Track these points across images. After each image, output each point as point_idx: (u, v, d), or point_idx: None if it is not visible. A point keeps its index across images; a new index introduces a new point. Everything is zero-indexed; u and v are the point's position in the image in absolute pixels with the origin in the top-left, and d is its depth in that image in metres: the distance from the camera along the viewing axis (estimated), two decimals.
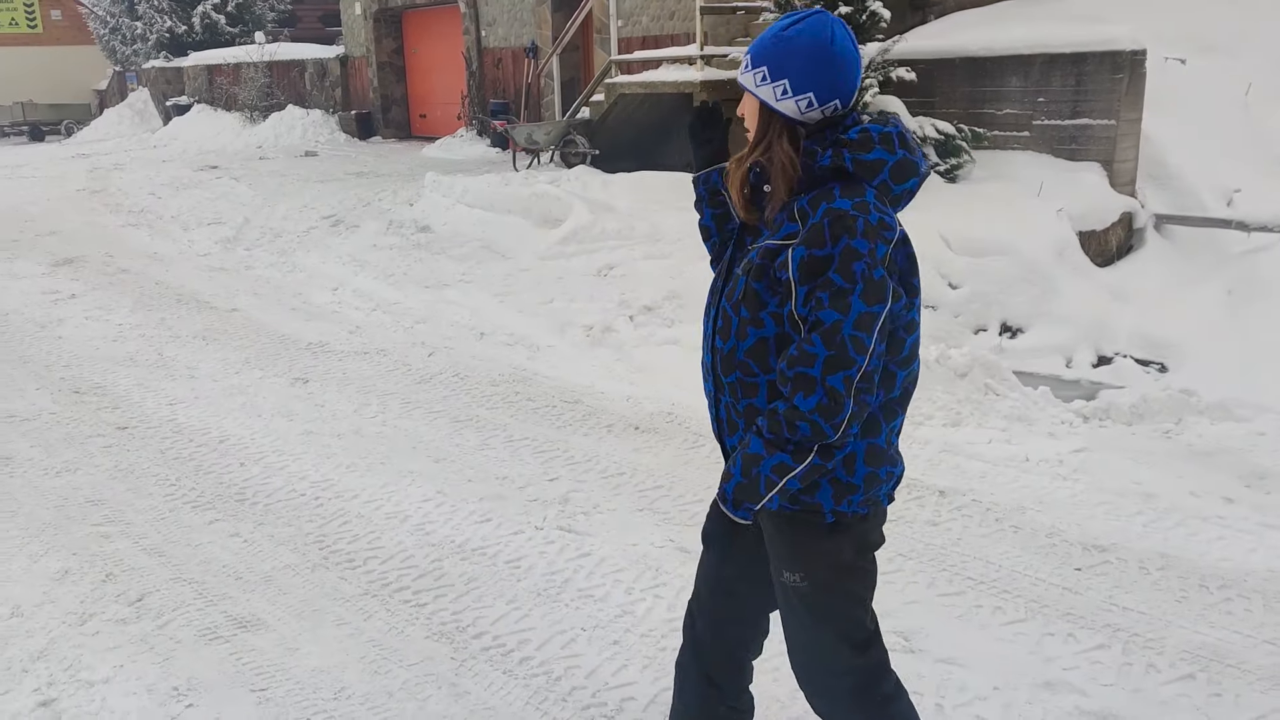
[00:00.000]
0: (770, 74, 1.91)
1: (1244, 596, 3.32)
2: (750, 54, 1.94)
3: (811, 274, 1.81)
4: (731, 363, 1.97)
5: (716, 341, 2.02)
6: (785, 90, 1.90)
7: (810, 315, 1.82)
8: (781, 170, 1.92)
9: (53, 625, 3.41)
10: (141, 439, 5.07)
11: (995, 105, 9.56)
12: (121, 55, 26.85)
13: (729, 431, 2.05)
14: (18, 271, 9.09)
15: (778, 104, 1.92)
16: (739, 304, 1.94)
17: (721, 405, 2.05)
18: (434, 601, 3.49)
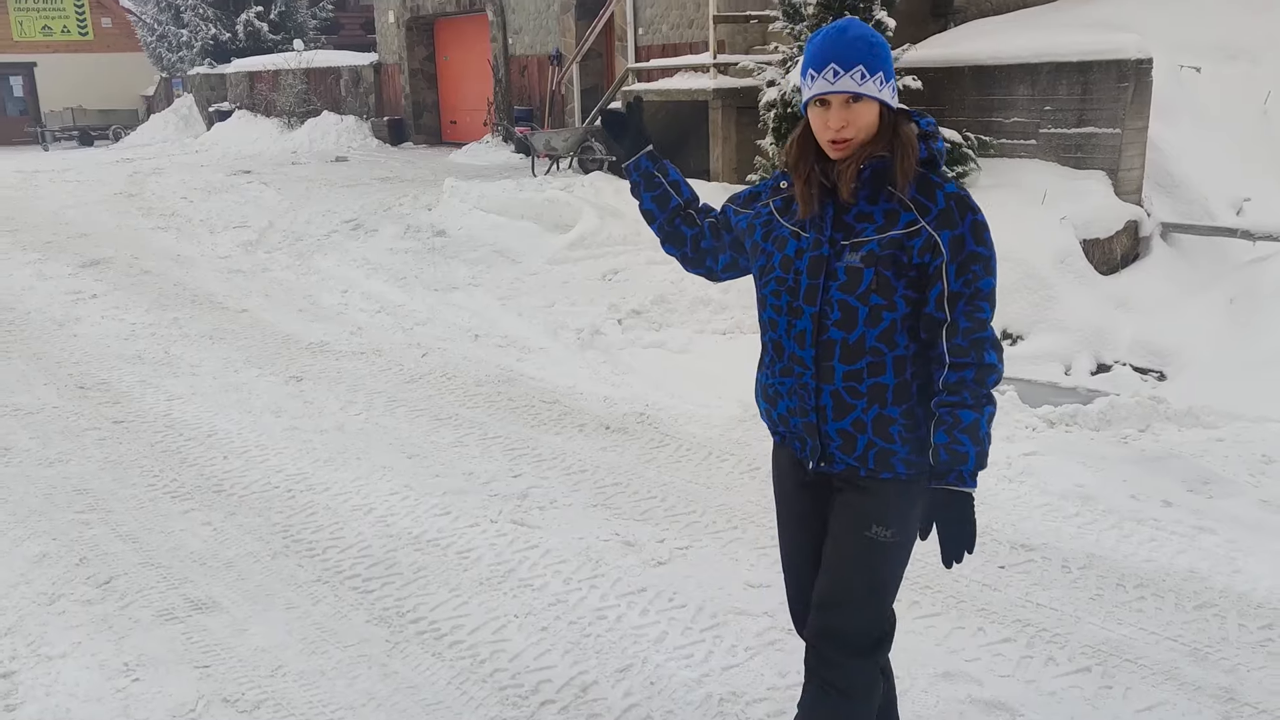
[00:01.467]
0: (885, 75, 2.05)
1: (1158, 595, 3.38)
2: (863, 65, 2.02)
3: (958, 251, 2.03)
4: (860, 349, 2.09)
5: (832, 334, 2.10)
6: (883, 82, 2.05)
7: (968, 288, 2.04)
8: (911, 154, 2.06)
9: (24, 604, 3.63)
10: (135, 433, 5.30)
11: (1003, 113, 9.58)
12: (168, 62, 27.55)
13: (836, 415, 2.13)
14: (47, 272, 9.44)
15: (892, 101, 2.07)
16: (869, 293, 2.06)
17: (825, 393, 2.13)
18: (381, 589, 3.66)
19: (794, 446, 2.28)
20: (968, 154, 9.16)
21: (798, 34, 9.01)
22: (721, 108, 10.20)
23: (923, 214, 2.04)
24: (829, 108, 2.06)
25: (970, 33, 10.80)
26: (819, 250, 2.12)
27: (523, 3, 15.42)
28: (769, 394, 2.27)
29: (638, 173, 2.47)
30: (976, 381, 2.06)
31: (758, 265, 2.25)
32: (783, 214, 2.22)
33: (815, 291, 2.11)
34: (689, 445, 4.94)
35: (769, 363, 2.25)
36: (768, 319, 2.22)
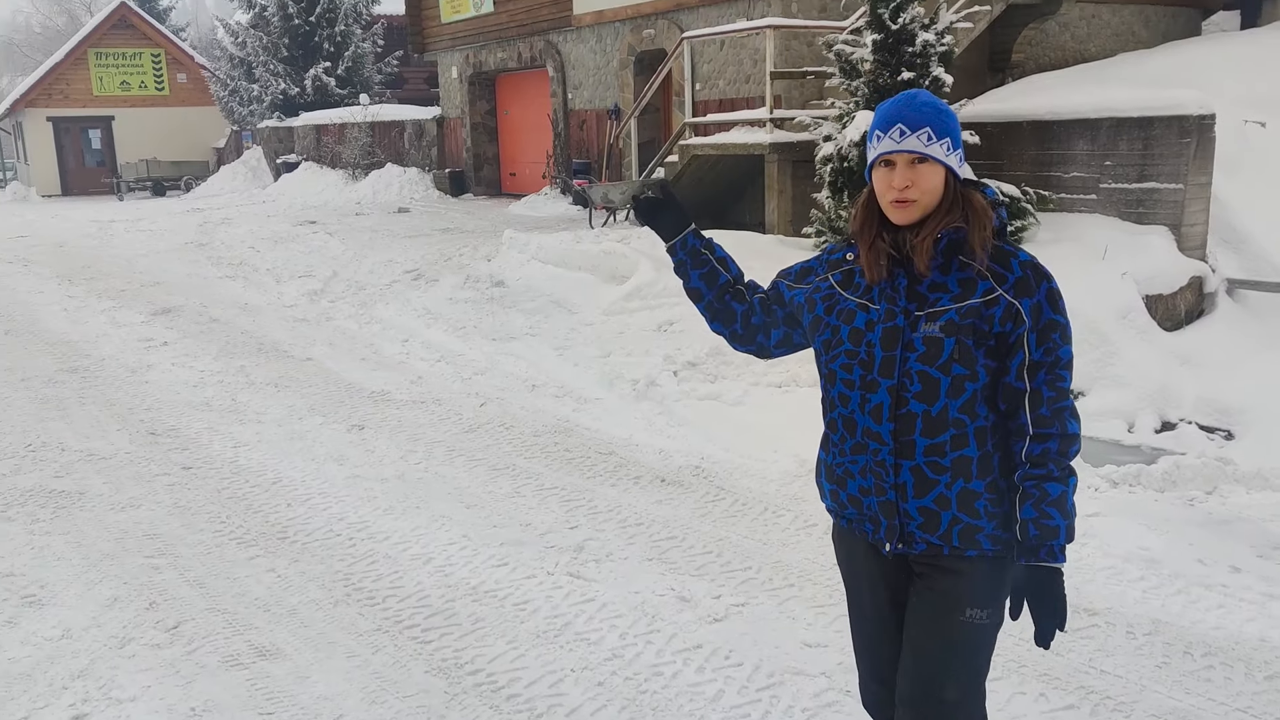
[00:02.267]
0: (952, 142, 2.06)
1: (1226, 665, 3.31)
2: (930, 126, 2.03)
3: (1038, 319, 2.03)
4: (944, 421, 2.05)
5: (913, 406, 2.06)
6: (950, 148, 2.06)
7: (1049, 356, 2.04)
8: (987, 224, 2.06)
9: (95, 647, 3.73)
10: (203, 478, 5.44)
11: (1062, 168, 9.54)
12: (239, 115, 28.45)
13: (918, 492, 2.08)
14: (120, 320, 9.74)
15: (959, 169, 2.08)
16: (950, 363, 2.03)
17: (905, 469, 2.08)
18: (439, 639, 3.70)
19: (865, 529, 2.20)
20: (1026, 208, 9.13)
21: (854, 89, 9.08)
22: (777, 161, 10.29)
23: (1000, 282, 2.03)
24: (893, 168, 2.05)
25: (1028, 88, 10.81)
26: (893, 321, 2.08)
27: (582, 59, 15.73)
28: (836, 475, 2.20)
29: (684, 251, 2.41)
30: (1060, 453, 2.03)
31: (821, 339, 2.20)
32: (844, 287, 2.18)
33: (892, 363, 2.07)
34: (744, 500, 4.95)
35: (837, 441, 2.18)
36: (837, 395, 2.16)
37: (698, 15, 12.91)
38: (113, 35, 33.57)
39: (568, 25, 15.58)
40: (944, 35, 8.92)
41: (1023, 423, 2.06)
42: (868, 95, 8.91)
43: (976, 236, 2.04)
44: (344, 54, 25.48)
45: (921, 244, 2.04)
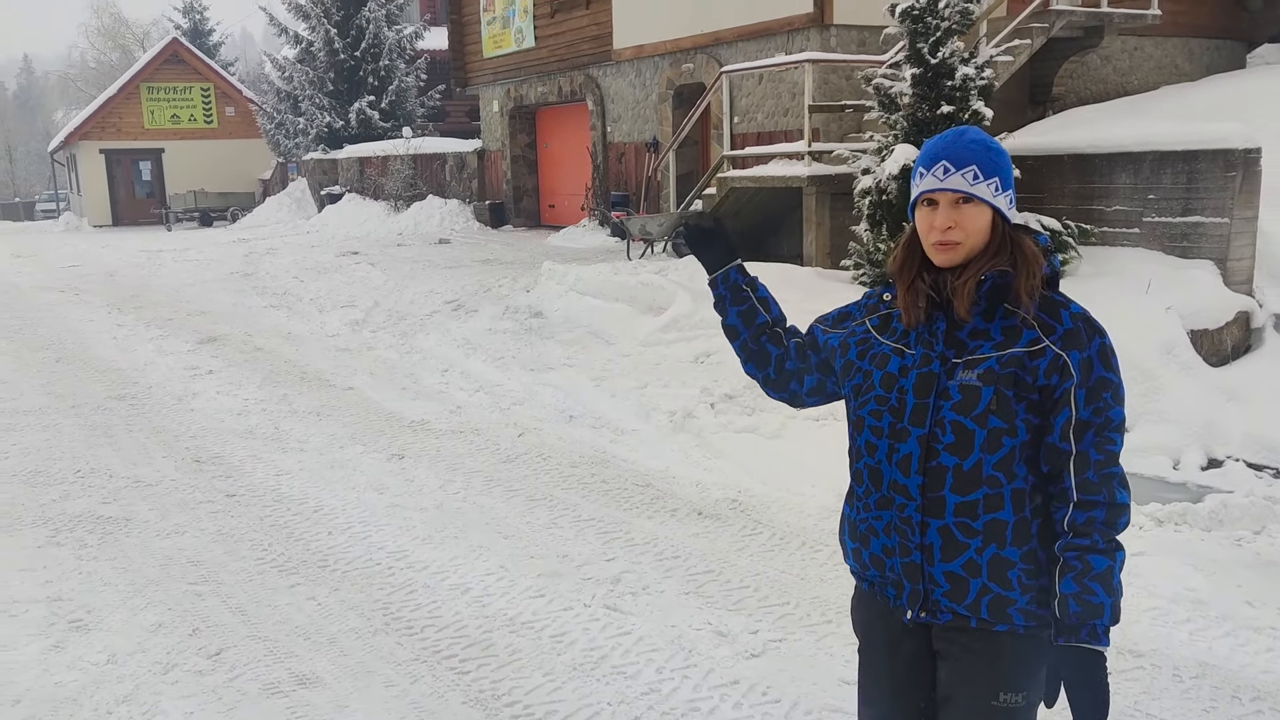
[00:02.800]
0: (1001, 182, 1.94)
1: (1275, 710, 3.24)
2: (976, 165, 1.93)
3: (1087, 375, 1.89)
4: (977, 478, 1.90)
5: (944, 459, 1.92)
6: (999, 189, 1.94)
7: (1098, 417, 1.88)
8: (1036, 270, 1.94)
9: (140, 673, 3.78)
10: (245, 506, 5.51)
11: (1104, 202, 9.48)
12: (285, 148, 29.00)
13: (946, 556, 1.93)
14: (166, 348, 9.92)
15: (1009, 210, 1.96)
16: (987, 414, 1.89)
17: (932, 529, 1.93)
18: (477, 670, 3.72)
19: (887, 593, 2.04)
20: (1068, 242, 9.07)
21: (893, 123, 9.10)
22: (816, 194, 10.31)
23: (1047, 332, 1.90)
24: (936, 208, 1.94)
25: (1069, 121, 10.78)
26: (928, 367, 1.95)
27: (622, 93, 15.89)
28: (859, 531, 2.04)
29: (725, 286, 2.32)
30: (1107, 523, 1.87)
31: (851, 384, 2.08)
32: (881, 331, 2.07)
33: (924, 411, 1.94)
34: (782, 534, 4.93)
35: (862, 495, 2.04)
36: (864, 443, 2.03)
37: (736, 49, 13.02)
38: (164, 70, 34.42)
39: (607, 60, 15.76)
40: (984, 69, 8.93)
41: (1066, 487, 1.90)
42: (907, 129, 8.93)
43: (1024, 283, 1.91)
44: (388, 88, 25.93)
45: (963, 286, 1.92)
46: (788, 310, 2.41)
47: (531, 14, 17.76)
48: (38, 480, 6.02)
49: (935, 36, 8.66)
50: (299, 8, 26.88)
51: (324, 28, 25.52)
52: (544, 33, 17.57)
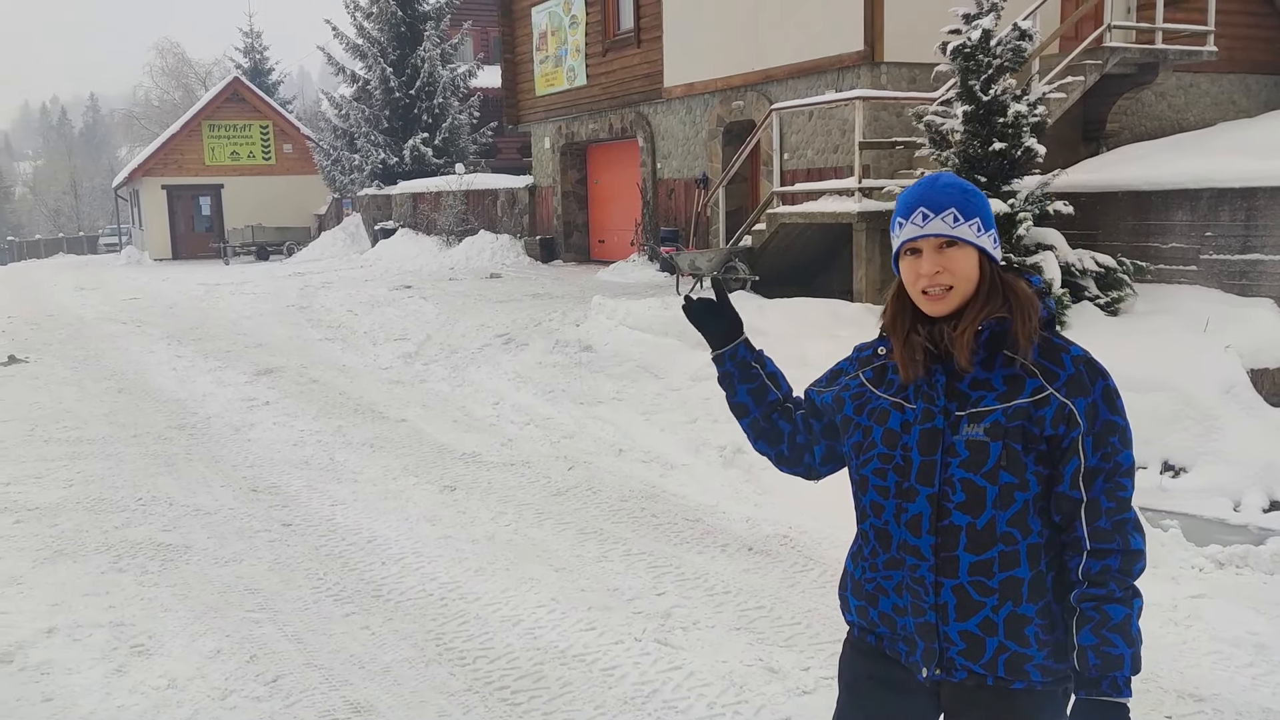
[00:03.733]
0: (983, 223, 1.89)
1: None
2: (955, 207, 1.89)
3: (1093, 421, 1.84)
4: (992, 536, 1.85)
5: (955, 518, 1.87)
6: (981, 229, 1.90)
7: (1107, 462, 1.84)
8: (1033, 313, 1.89)
9: (199, 698, 3.85)
10: (301, 535, 5.61)
11: (1160, 239, 9.39)
12: (340, 184, 29.60)
13: (961, 615, 1.87)
14: (225, 380, 10.13)
15: (994, 251, 1.91)
16: (997, 470, 1.84)
17: (946, 589, 1.88)
18: (528, 702, 3.74)
19: (899, 649, 1.98)
20: (1123, 279, 8.99)
21: (944, 159, 9.10)
22: (866, 230, 10.31)
23: (1050, 380, 1.85)
24: (920, 256, 1.89)
25: (1123, 157, 10.70)
26: (931, 422, 1.89)
27: (672, 130, 16.04)
28: (865, 591, 1.99)
29: (733, 362, 2.20)
30: (1123, 571, 1.82)
31: (852, 442, 2.01)
32: (877, 385, 2.00)
33: (932, 469, 1.87)
34: (834, 570, 4.91)
35: (869, 554, 1.98)
36: (869, 503, 1.97)
37: (786, 87, 13.10)
38: (225, 108, 35.35)
39: (658, 97, 15.93)
40: (1036, 106, 8.92)
41: (1079, 536, 1.85)
42: (958, 165, 8.92)
43: (1021, 328, 1.86)
44: (441, 125, 26.39)
45: (961, 337, 1.86)
46: (832, 350, 2.29)
47: (584, 53, 18.03)
48: (101, 507, 6.17)
49: (987, 74, 8.66)
50: (356, 47, 27.52)
51: (380, 67, 26.08)
52: (595, 71, 17.82)
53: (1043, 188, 8.91)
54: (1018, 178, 8.92)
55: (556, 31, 18.93)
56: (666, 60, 15.47)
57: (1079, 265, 9.13)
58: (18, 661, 4.17)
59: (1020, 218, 8.66)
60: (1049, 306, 1.93)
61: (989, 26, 8.69)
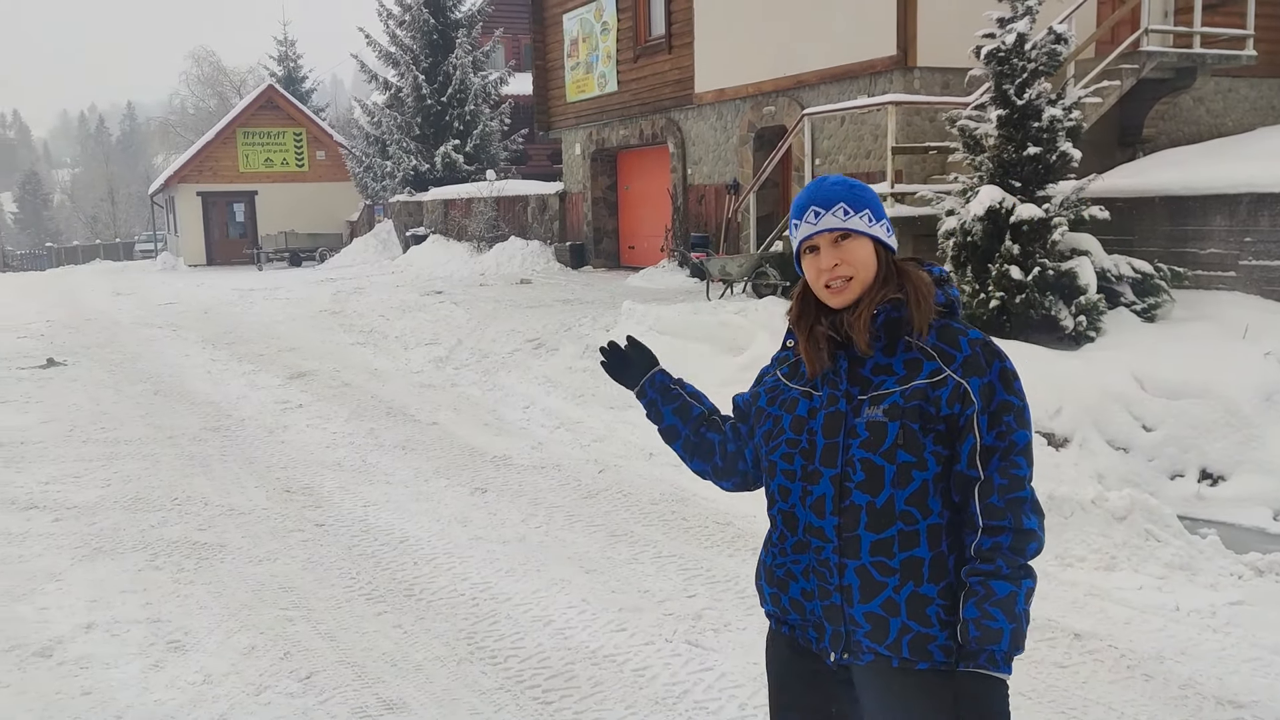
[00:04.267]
0: (873, 214, 1.96)
1: None
2: (844, 202, 1.95)
3: (989, 400, 1.90)
4: (890, 515, 1.89)
5: (856, 498, 1.91)
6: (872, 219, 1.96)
7: (1001, 441, 1.89)
8: (927, 296, 1.96)
9: (234, 694, 3.89)
10: (334, 535, 5.64)
11: (1198, 244, 9.28)
12: (372, 190, 29.82)
13: (864, 596, 1.90)
14: (259, 383, 10.23)
15: (888, 239, 1.98)
16: (894, 449, 1.88)
17: (849, 570, 1.91)
18: (560, 700, 3.74)
19: (809, 636, 2.00)
20: (1160, 285, 8.89)
21: (978, 164, 9.04)
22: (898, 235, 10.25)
23: (947, 362, 1.91)
24: (819, 253, 1.96)
25: (1161, 162, 10.58)
26: (835, 406, 1.95)
27: (702, 135, 16.04)
28: (776, 577, 2.02)
29: (654, 390, 2.30)
30: (1013, 549, 1.86)
31: (763, 431, 2.06)
32: (790, 378, 2.06)
33: (834, 451, 1.93)
34: None
35: (778, 540, 2.02)
36: (777, 487, 2.01)
37: (818, 92, 13.07)
38: (259, 116, 35.74)
39: (689, 103, 15.95)
40: (1071, 110, 8.83)
41: (972, 513, 1.89)
42: (992, 170, 8.86)
43: (917, 311, 1.93)
44: (473, 132, 26.55)
45: (858, 320, 1.93)
46: None
47: (615, 59, 18.08)
48: (138, 507, 6.24)
49: (1022, 78, 8.60)
50: (389, 55, 27.75)
51: (412, 74, 26.28)
52: (626, 77, 17.86)
53: (1078, 193, 8.83)
54: (1053, 183, 8.84)
55: (588, 38, 19.00)
56: (698, 66, 15.49)
57: (1115, 271, 9.04)
58: (57, 656, 4.22)
59: (1055, 223, 8.58)
60: (950, 293, 2.00)
61: (1024, 30, 8.62)
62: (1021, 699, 3.57)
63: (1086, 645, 3.96)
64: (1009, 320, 8.62)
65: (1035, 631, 4.10)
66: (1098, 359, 8.13)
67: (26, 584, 5.00)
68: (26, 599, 4.83)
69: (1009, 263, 8.51)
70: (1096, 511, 4.97)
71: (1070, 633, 4.07)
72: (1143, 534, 4.89)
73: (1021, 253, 8.55)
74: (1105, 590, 4.47)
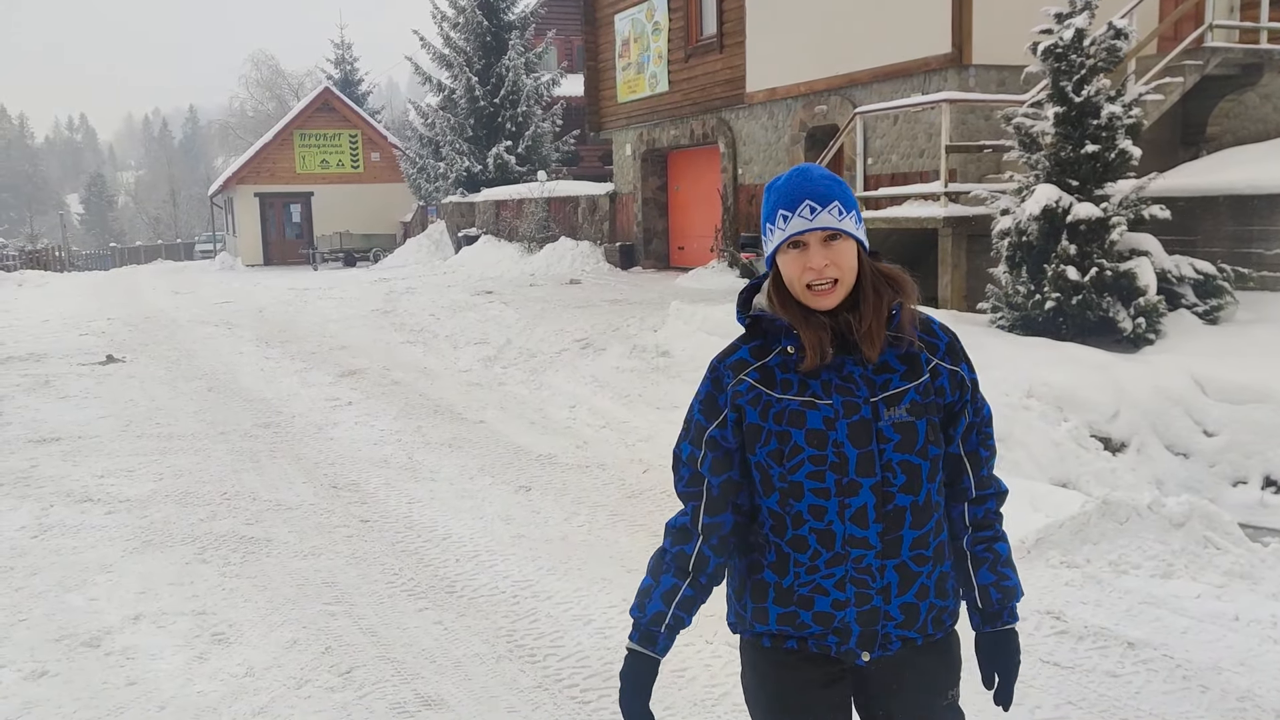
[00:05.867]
0: (857, 214, 1.91)
1: None
2: (838, 201, 1.87)
3: (972, 383, 2.00)
4: (928, 509, 1.91)
5: (900, 500, 1.89)
6: (858, 220, 1.91)
7: (978, 416, 2.02)
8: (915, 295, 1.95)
9: (275, 687, 3.90)
10: (379, 531, 5.67)
11: (1263, 245, 9.01)
12: (425, 192, 30.11)
13: (901, 590, 1.90)
14: (310, 380, 10.34)
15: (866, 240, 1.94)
16: (926, 447, 1.90)
17: (889, 569, 1.89)
18: (598, 700, 3.71)
19: (827, 644, 1.93)
20: (1223, 287, 8.65)
21: (1034, 163, 8.86)
22: (952, 235, 10.09)
23: (934, 352, 1.95)
24: (806, 250, 1.86)
25: (1224, 161, 10.29)
26: (858, 414, 1.87)
27: (753, 135, 15.95)
28: (798, 596, 1.91)
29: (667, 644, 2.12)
30: (999, 512, 2.05)
31: (766, 451, 1.91)
32: (769, 387, 1.91)
33: (871, 460, 1.87)
34: None
35: (808, 559, 1.90)
36: (807, 507, 1.89)
37: (871, 91, 12.92)
38: (316, 118, 36.26)
39: (740, 102, 15.86)
40: (1131, 108, 8.63)
41: (965, 486, 2.01)
42: (1049, 168, 8.68)
43: (909, 311, 1.92)
44: (525, 133, 26.69)
45: (871, 328, 1.87)
46: None
47: (666, 59, 18.05)
48: (188, 501, 6.32)
49: (1080, 74, 8.41)
50: (442, 57, 28.00)
51: (465, 76, 26.49)
52: (677, 77, 17.82)
53: (1137, 192, 8.61)
54: (1111, 181, 8.63)
55: (639, 38, 18.99)
56: (749, 65, 15.39)
57: (1176, 272, 8.80)
58: (104, 646, 4.28)
59: (1113, 223, 8.38)
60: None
61: (1082, 25, 8.44)
62: (1071, 709, 3.47)
63: (1140, 654, 3.84)
64: (1065, 322, 8.43)
65: (1087, 639, 3.99)
66: (1157, 362, 7.92)
67: (79, 575, 5.09)
68: (78, 589, 4.91)
69: (1065, 263, 8.32)
70: (1153, 517, 4.82)
71: (1124, 641, 3.94)
72: (1201, 541, 4.73)
73: (1079, 253, 8.36)
74: (1161, 598, 4.33)
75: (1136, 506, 4.85)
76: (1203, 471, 7.36)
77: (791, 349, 1.91)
